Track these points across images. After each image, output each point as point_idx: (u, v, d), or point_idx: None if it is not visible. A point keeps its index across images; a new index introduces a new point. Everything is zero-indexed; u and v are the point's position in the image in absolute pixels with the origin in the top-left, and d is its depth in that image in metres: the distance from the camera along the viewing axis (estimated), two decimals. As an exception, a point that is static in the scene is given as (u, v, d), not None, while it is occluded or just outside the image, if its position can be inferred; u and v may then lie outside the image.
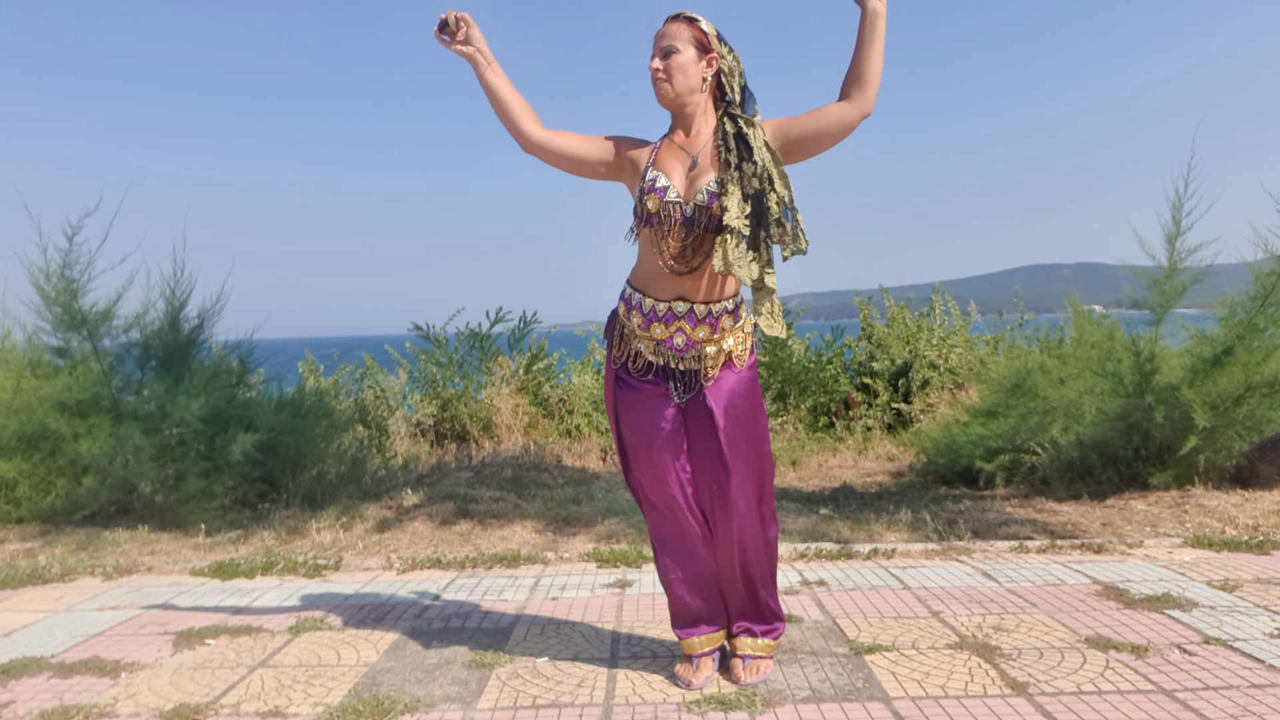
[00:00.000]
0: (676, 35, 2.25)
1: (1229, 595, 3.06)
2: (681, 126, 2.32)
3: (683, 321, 2.26)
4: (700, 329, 2.27)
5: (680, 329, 2.27)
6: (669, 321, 2.27)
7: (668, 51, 2.24)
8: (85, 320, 4.87)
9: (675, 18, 2.28)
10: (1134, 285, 5.24)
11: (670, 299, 2.27)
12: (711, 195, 2.20)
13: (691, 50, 2.25)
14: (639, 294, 2.31)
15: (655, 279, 2.28)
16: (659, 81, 2.25)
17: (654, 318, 2.28)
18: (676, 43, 2.24)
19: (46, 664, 2.64)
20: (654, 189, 2.24)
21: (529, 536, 4.34)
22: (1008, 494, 5.23)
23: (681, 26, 2.26)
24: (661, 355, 2.30)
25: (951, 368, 8.40)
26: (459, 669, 2.53)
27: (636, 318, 2.31)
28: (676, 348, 2.28)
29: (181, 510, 4.59)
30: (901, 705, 2.21)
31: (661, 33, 2.27)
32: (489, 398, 7.63)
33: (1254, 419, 4.84)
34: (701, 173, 2.24)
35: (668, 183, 2.24)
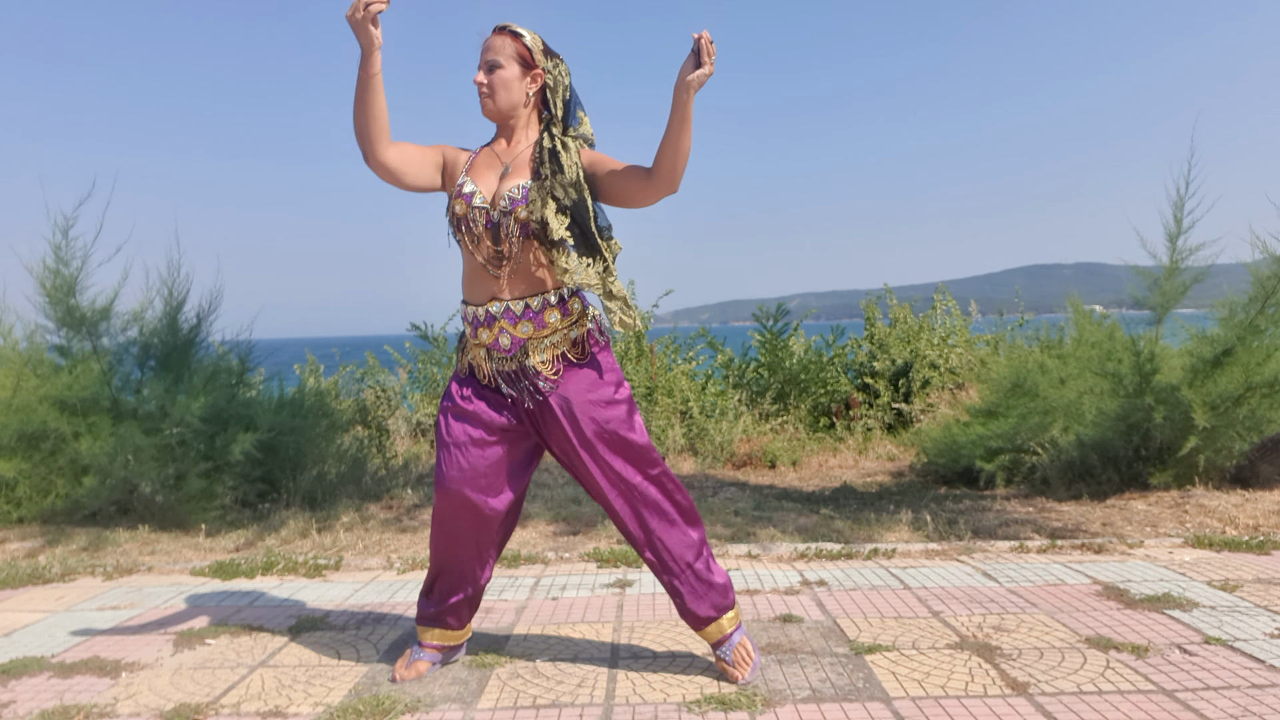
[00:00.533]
0: (500, 49, 2.28)
1: (1229, 595, 3.06)
2: (504, 137, 2.37)
3: (503, 321, 2.27)
4: (522, 325, 2.27)
5: (502, 329, 2.27)
6: (490, 324, 2.29)
7: (492, 66, 2.28)
8: (84, 318, 4.87)
9: (500, 30, 2.30)
10: (1135, 285, 5.24)
11: (485, 301, 2.29)
12: (514, 201, 2.23)
13: (515, 66, 2.29)
14: (464, 304, 2.35)
15: (472, 284, 2.32)
16: (482, 96, 2.30)
17: (478, 323, 2.31)
18: (500, 57, 2.28)
19: (47, 664, 2.64)
20: (461, 194, 2.29)
21: (529, 536, 4.34)
22: (1008, 494, 5.23)
23: (506, 40, 2.29)
24: (493, 359, 2.31)
25: (952, 368, 8.40)
26: (459, 669, 2.53)
27: (467, 328, 2.36)
28: (503, 348, 2.28)
29: (182, 510, 4.59)
30: (902, 705, 2.21)
31: (487, 45, 2.30)
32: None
33: (1254, 419, 4.84)
34: (509, 179, 2.28)
35: (474, 188, 2.28)
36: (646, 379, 8.02)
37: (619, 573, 3.55)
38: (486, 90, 2.29)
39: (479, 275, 2.29)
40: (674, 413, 7.68)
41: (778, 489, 5.80)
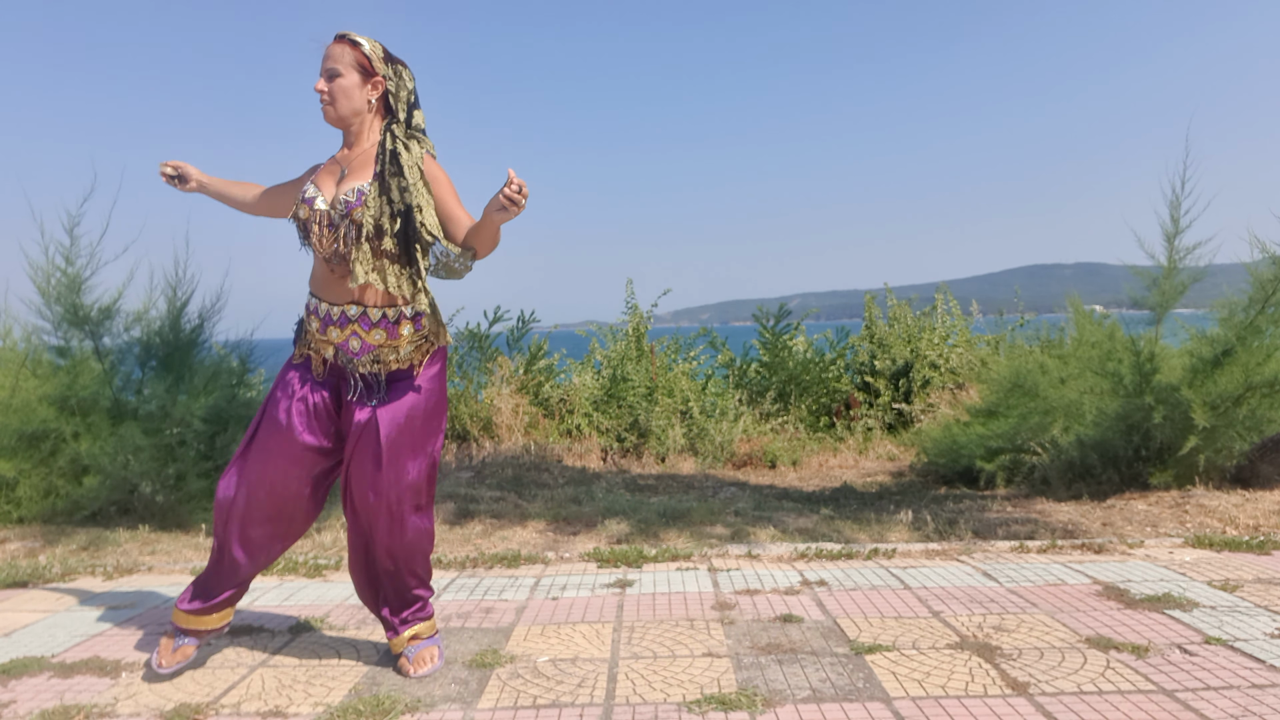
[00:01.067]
0: (340, 58, 2.34)
1: (1229, 595, 3.06)
2: (347, 144, 2.44)
3: (356, 325, 2.34)
4: (375, 333, 2.34)
5: (355, 332, 2.34)
6: (343, 325, 2.35)
7: (332, 74, 2.34)
8: (87, 318, 4.87)
9: (340, 39, 2.36)
10: (1134, 285, 5.25)
11: (344, 303, 2.35)
12: (349, 204, 2.31)
13: (355, 74, 2.35)
14: (315, 299, 2.41)
15: (326, 284, 2.38)
16: (323, 103, 2.37)
17: (329, 321, 2.36)
18: (339, 65, 2.34)
19: (47, 664, 2.64)
20: (304, 199, 2.38)
21: (529, 536, 4.34)
22: (1008, 494, 5.23)
23: (345, 49, 2.35)
24: (340, 358, 2.37)
25: (952, 368, 8.41)
26: (459, 669, 2.53)
27: (315, 322, 2.40)
28: (352, 350, 2.35)
29: (182, 510, 4.59)
30: (902, 705, 2.21)
31: (327, 53, 2.36)
32: (489, 398, 7.64)
33: (1254, 419, 4.84)
34: (347, 181, 2.35)
35: (316, 193, 2.37)
36: (646, 379, 8.03)
37: (619, 573, 3.55)
38: (327, 98, 2.36)
39: (330, 277, 2.37)
40: (674, 413, 7.69)
41: (778, 489, 5.80)
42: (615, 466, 6.92)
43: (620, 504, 4.91)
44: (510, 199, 2.09)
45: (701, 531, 4.31)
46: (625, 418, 7.59)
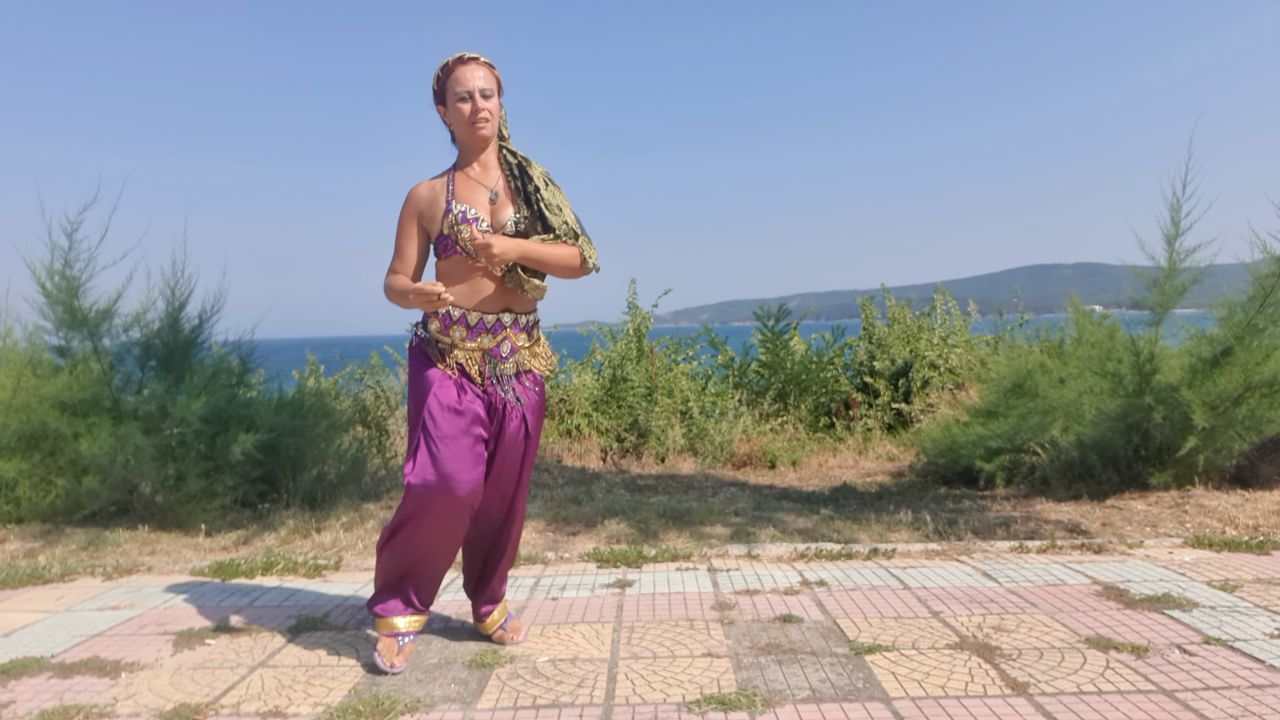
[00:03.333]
0: (489, 80, 2.50)
1: (1229, 595, 3.06)
2: (475, 162, 2.57)
3: (508, 330, 2.53)
4: (520, 336, 2.56)
5: (506, 338, 2.53)
6: (496, 331, 2.52)
7: (486, 95, 2.49)
8: (86, 319, 4.87)
9: (480, 61, 2.50)
10: (1134, 285, 5.25)
11: (498, 311, 2.52)
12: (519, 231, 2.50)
13: (497, 96, 2.54)
14: (459, 309, 2.50)
15: (478, 295, 2.50)
16: (484, 123, 2.49)
17: (481, 329, 2.51)
18: (490, 87, 2.50)
19: (47, 664, 2.64)
20: (465, 219, 2.47)
21: (529, 536, 4.34)
22: (1008, 494, 5.23)
23: (489, 72, 2.51)
24: (488, 362, 2.52)
25: (952, 368, 8.40)
26: (459, 669, 2.53)
27: (459, 331, 2.50)
28: (502, 355, 2.53)
29: (182, 510, 4.59)
30: (901, 705, 2.21)
31: (473, 74, 2.48)
32: (489, 398, 7.62)
33: (1254, 419, 4.84)
34: (503, 206, 2.53)
35: (478, 214, 2.49)
36: (646, 379, 8.02)
37: (619, 573, 3.55)
38: (487, 116, 2.49)
39: (487, 287, 2.50)
40: (674, 413, 7.69)
41: (777, 489, 5.80)
42: (615, 466, 6.92)
43: (620, 504, 4.91)
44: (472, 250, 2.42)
45: (701, 532, 4.32)
46: (625, 418, 7.59)
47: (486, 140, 2.53)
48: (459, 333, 2.50)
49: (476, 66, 2.48)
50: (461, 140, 2.56)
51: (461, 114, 2.48)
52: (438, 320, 2.52)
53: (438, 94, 2.55)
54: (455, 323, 2.50)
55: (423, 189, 2.56)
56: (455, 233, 2.45)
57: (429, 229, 2.55)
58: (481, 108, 2.46)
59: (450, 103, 2.50)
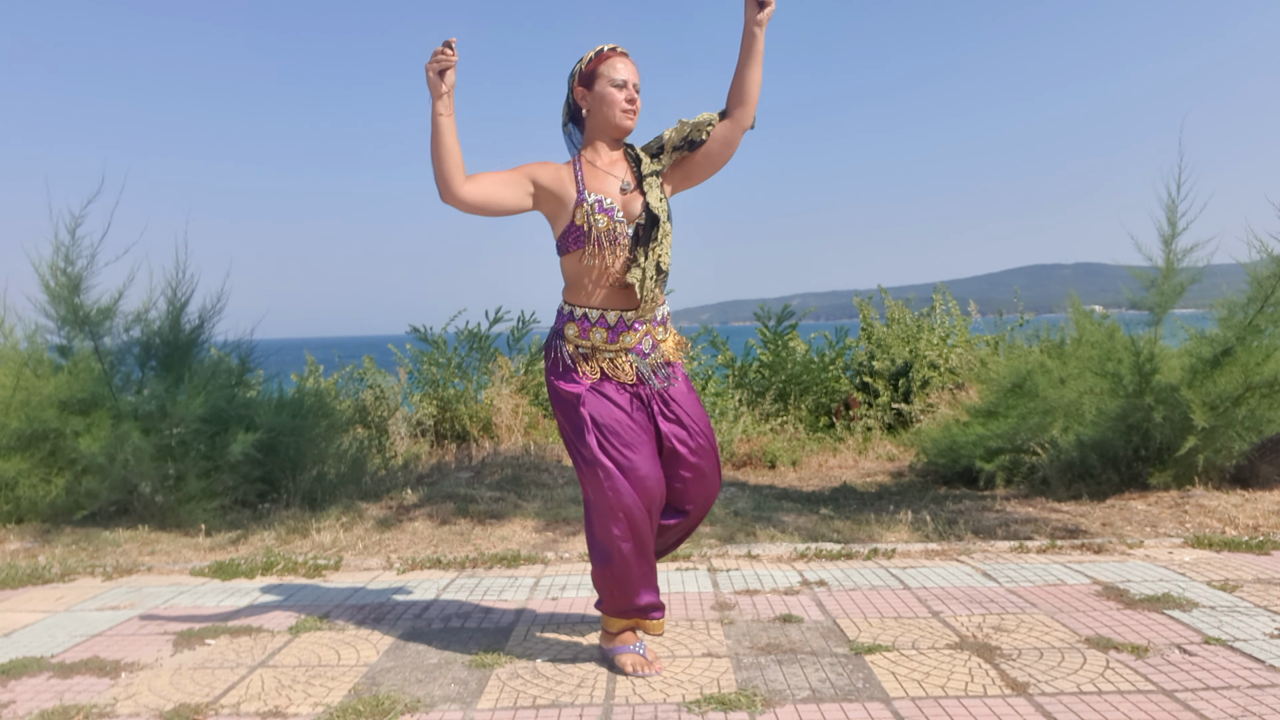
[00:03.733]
0: (636, 74, 2.50)
1: (1229, 595, 3.06)
2: (603, 151, 2.52)
3: (648, 325, 2.50)
4: (658, 329, 2.53)
5: (647, 333, 2.49)
6: (637, 329, 2.47)
7: (637, 88, 2.50)
8: (87, 318, 4.87)
9: (626, 55, 2.50)
10: (1132, 287, 5.25)
11: (634, 306, 2.46)
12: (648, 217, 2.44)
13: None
14: (596, 310, 2.45)
15: (614, 293, 2.45)
16: (632, 114, 2.48)
17: (622, 329, 2.46)
18: (638, 80, 2.50)
19: (46, 664, 2.64)
20: (602, 209, 2.41)
21: (529, 536, 4.34)
22: (1008, 494, 5.23)
23: (634, 67, 2.50)
24: (630, 360, 2.47)
25: (952, 368, 8.40)
26: (459, 669, 2.53)
27: (600, 333, 2.45)
28: (644, 351, 2.49)
29: (181, 510, 4.59)
30: (901, 705, 2.21)
31: (624, 66, 2.48)
32: (489, 398, 7.63)
33: (1254, 419, 4.84)
34: (634, 198, 2.46)
35: (613, 203, 2.43)
36: (646, 379, 8.02)
37: (619, 573, 3.55)
38: (635, 109, 2.49)
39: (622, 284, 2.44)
40: (674, 413, 7.67)
41: (777, 489, 5.80)
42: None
43: (620, 504, 4.91)
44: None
45: (701, 531, 4.32)
46: (625, 418, 7.57)
47: (628, 131, 2.50)
48: (600, 335, 2.45)
49: (630, 61, 2.49)
50: (599, 125, 2.49)
51: (614, 99, 2.45)
52: (575, 325, 2.46)
53: (584, 76, 2.48)
54: (595, 325, 2.45)
55: (550, 167, 2.47)
56: (591, 223, 2.39)
57: (550, 212, 2.47)
58: (635, 98, 2.48)
59: (600, 87, 2.45)
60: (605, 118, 2.47)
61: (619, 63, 2.46)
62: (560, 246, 2.47)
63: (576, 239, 2.42)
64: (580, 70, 2.49)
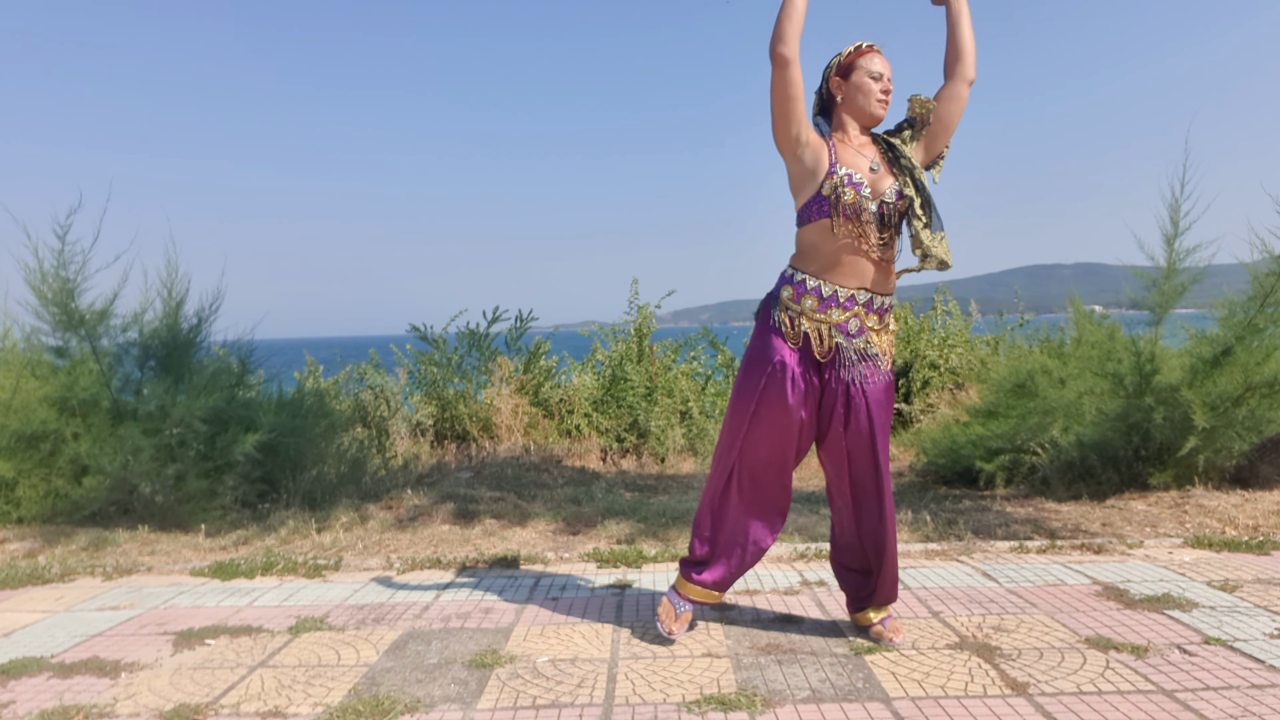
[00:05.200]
0: (889, 69, 2.62)
1: (1229, 596, 3.06)
2: (853, 134, 2.62)
3: (860, 309, 2.53)
4: (871, 317, 2.55)
5: (856, 315, 2.52)
6: (848, 307, 2.52)
7: (890, 80, 2.62)
8: (83, 320, 4.87)
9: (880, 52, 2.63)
10: (1133, 286, 5.25)
11: (855, 287, 2.52)
12: (897, 195, 2.52)
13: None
14: (815, 279, 2.53)
15: (839, 267, 2.52)
16: (883, 103, 2.61)
17: (834, 303, 2.52)
18: (890, 73, 2.62)
19: (46, 664, 2.64)
20: (851, 183, 2.50)
21: (529, 536, 4.34)
22: (1008, 494, 5.23)
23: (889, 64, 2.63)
24: (834, 336, 2.53)
25: (952, 368, 8.40)
26: (459, 669, 2.53)
27: (811, 300, 2.53)
28: (849, 332, 2.52)
29: (181, 510, 4.59)
30: (901, 705, 2.21)
31: (880, 60, 2.61)
32: (488, 398, 7.63)
33: (1254, 419, 4.84)
34: (882, 177, 2.55)
35: (862, 179, 2.52)
36: (646, 379, 8.02)
37: (619, 573, 3.55)
38: (886, 100, 2.60)
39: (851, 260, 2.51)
40: (674, 413, 7.68)
41: (777, 489, 5.79)
42: (615, 467, 6.91)
43: (620, 504, 4.91)
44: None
45: (701, 532, 4.31)
46: (625, 418, 7.59)
47: (879, 119, 2.61)
48: (810, 302, 2.53)
49: (881, 56, 2.61)
50: (853, 112, 2.61)
51: (871, 89, 2.57)
52: (790, 288, 2.57)
53: (842, 68, 2.62)
54: (808, 292, 2.54)
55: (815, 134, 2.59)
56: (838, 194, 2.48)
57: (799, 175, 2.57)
58: (890, 89, 2.59)
59: (858, 78, 2.58)
60: (860, 106, 2.59)
61: (877, 58, 2.60)
62: (802, 215, 2.57)
63: (820, 209, 2.51)
64: (839, 63, 2.63)
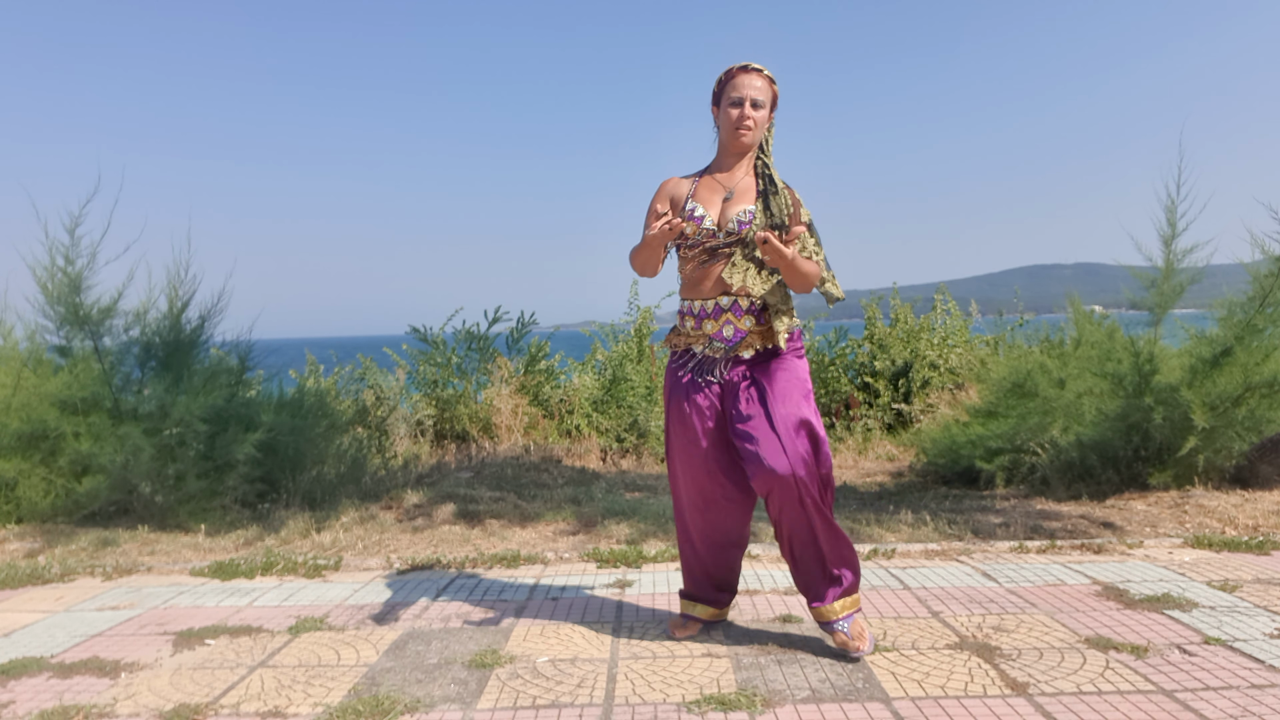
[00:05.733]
0: (763, 91, 2.56)
1: (1229, 596, 3.06)
2: (725, 167, 2.64)
3: (729, 314, 2.56)
4: (745, 319, 2.56)
5: (728, 321, 2.56)
6: (717, 316, 2.57)
7: (756, 104, 2.55)
8: (88, 317, 4.87)
9: (759, 72, 2.56)
10: (1132, 287, 5.25)
11: (717, 295, 2.57)
12: (741, 223, 2.52)
13: (768, 109, 2.59)
14: (687, 301, 2.65)
15: (701, 284, 2.59)
16: (747, 130, 2.55)
17: (704, 315, 2.59)
18: (762, 98, 2.55)
19: (46, 664, 2.64)
20: (692, 218, 2.56)
21: (529, 536, 4.34)
22: (1008, 494, 5.23)
23: (766, 84, 2.57)
24: (715, 348, 2.58)
25: (952, 368, 8.40)
26: (459, 669, 2.53)
27: (690, 322, 2.63)
28: (728, 338, 2.56)
29: (182, 510, 4.59)
30: (901, 705, 2.21)
31: (748, 83, 2.54)
32: (489, 398, 7.64)
33: (1253, 419, 4.84)
34: (734, 204, 2.56)
35: (704, 212, 2.56)
36: (646, 379, 8.02)
37: (619, 573, 3.55)
38: (752, 124, 2.55)
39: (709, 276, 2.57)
40: (674, 413, 7.67)
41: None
42: (615, 467, 6.91)
43: (620, 504, 4.91)
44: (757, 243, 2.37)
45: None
46: (625, 418, 7.59)
47: (746, 148, 2.59)
48: (690, 323, 2.63)
49: (757, 77, 2.55)
50: (721, 143, 2.64)
51: (730, 118, 2.55)
52: (678, 316, 2.70)
53: (715, 96, 2.62)
54: (687, 314, 2.65)
55: (672, 183, 2.68)
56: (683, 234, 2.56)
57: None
58: (749, 115, 2.53)
59: (725, 105, 2.57)
60: (724, 135, 2.61)
61: (742, 80, 2.55)
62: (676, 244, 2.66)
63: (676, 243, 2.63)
64: (714, 91, 2.63)
